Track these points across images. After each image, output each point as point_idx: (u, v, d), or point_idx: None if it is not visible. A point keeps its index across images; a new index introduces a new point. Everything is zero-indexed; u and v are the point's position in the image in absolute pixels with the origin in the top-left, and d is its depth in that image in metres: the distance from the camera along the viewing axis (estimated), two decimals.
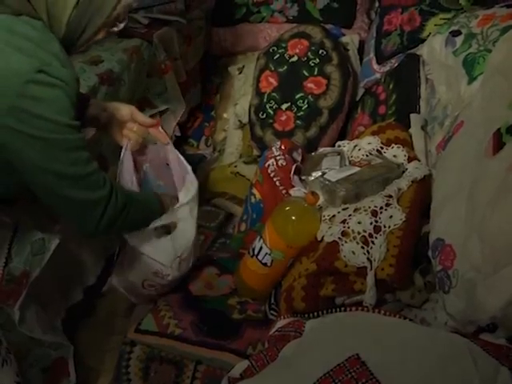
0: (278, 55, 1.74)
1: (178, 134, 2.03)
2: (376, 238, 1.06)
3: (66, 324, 1.50)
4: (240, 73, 2.00)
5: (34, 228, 1.32)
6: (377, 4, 1.93)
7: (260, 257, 1.18)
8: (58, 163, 0.97)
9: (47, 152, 0.96)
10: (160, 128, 1.31)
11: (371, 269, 1.02)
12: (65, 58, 0.99)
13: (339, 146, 1.39)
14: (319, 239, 1.12)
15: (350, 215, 1.12)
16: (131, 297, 1.35)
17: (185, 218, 1.23)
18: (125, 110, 1.26)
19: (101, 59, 1.69)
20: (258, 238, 1.19)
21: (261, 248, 1.18)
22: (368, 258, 1.04)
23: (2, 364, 1.01)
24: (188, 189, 1.25)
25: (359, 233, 1.07)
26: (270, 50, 1.77)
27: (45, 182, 1.00)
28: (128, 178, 1.23)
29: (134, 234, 1.20)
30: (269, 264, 1.17)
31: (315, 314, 1.06)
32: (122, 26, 1.08)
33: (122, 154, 1.25)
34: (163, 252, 1.21)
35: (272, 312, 1.21)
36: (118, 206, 1.07)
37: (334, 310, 1.05)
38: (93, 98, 1.29)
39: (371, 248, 1.04)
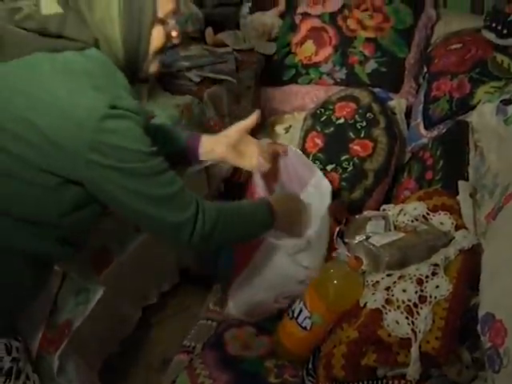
0: (325, 117, 1.76)
1: (222, 190, 2.05)
2: (421, 308, 1.03)
3: (101, 376, 1.49)
4: (286, 132, 2.03)
5: (80, 277, 1.34)
6: (425, 69, 1.94)
7: (299, 320, 1.16)
8: (148, 188, 0.98)
9: (137, 180, 0.97)
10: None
11: (416, 341, 0.99)
12: (130, 88, 1.01)
13: (384, 209, 1.38)
14: (362, 305, 1.09)
15: (394, 282, 1.09)
16: (249, 317, 1.33)
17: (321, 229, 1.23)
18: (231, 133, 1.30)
19: (153, 114, 1.75)
20: (299, 300, 1.18)
21: (300, 310, 1.16)
22: (412, 329, 1.00)
23: None
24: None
25: (404, 302, 1.04)
26: (317, 112, 1.79)
27: (137, 207, 1.00)
28: None
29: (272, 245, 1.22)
30: (308, 328, 1.15)
31: (355, 383, 1.03)
32: (175, 33, 1.06)
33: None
34: (312, 256, 1.23)
35: (309, 378, 1.17)
36: (208, 223, 1.05)
37: (375, 382, 1.02)
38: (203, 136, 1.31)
39: (416, 319, 1.01)
